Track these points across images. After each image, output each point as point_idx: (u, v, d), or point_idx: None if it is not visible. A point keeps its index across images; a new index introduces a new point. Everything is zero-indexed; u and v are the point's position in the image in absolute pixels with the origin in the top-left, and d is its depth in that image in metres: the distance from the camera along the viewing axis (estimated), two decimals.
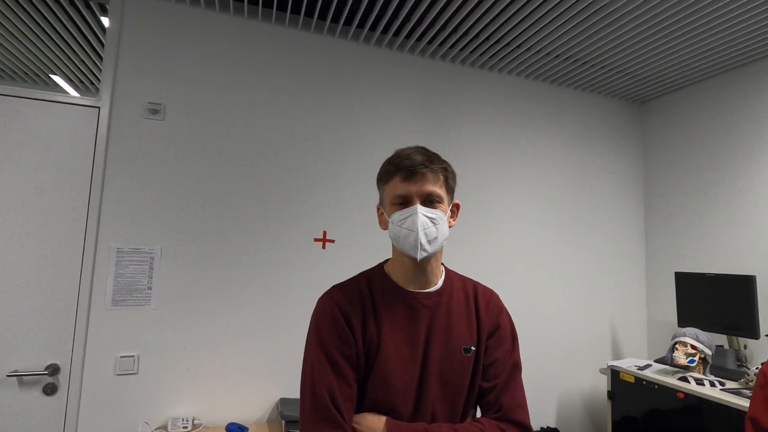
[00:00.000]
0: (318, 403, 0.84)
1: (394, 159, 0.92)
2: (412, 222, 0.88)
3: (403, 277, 0.95)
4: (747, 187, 2.48)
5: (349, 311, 0.90)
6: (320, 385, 0.85)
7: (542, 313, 2.69)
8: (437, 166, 0.92)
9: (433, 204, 0.91)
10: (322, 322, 0.91)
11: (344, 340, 0.88)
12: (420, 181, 0.89)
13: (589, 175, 2.93)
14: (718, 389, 1.87)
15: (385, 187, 0.94)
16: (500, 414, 0.91)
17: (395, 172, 0.91)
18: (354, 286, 0.96)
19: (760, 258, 2.38)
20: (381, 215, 0.98)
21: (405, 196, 0.90)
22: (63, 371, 1.78)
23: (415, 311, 0.93)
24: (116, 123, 1.92)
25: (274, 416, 2.06)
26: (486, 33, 2.25)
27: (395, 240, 0.92)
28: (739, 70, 2.55)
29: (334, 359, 0.87)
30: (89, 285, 1.82)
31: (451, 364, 0.92)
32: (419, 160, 0.89)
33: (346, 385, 0.86)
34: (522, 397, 0.95)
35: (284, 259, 2.15)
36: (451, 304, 0.97)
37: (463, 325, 0.95)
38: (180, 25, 2.05)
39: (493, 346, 0.97)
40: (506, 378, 0.95)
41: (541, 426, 2.60)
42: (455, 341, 0.93)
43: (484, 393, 0.95)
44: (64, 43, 2.51)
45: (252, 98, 2.15)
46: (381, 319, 0.91)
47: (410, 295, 0.94)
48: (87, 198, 1.86)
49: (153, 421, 1.87)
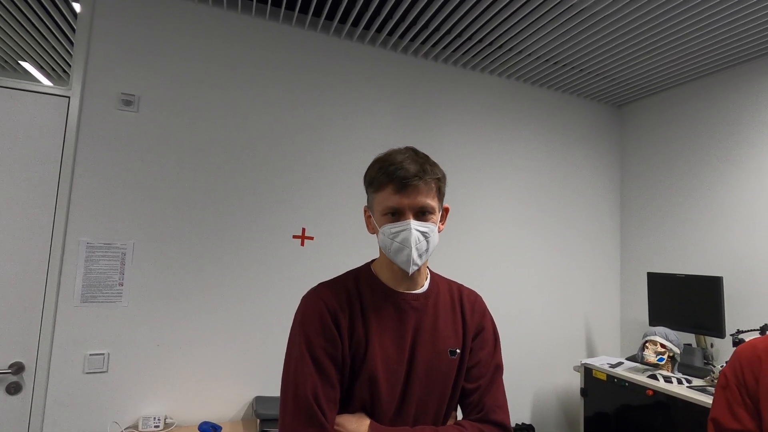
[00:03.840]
0: (300, 403, 0.82)
1: (387, 166, 0.88)
2: (405, 238, 0.87)
3: (392, 279, 0.95)
4: (716, 191, 2.55)
5: (338, 311, 0.88)
6: (303, 384, 0.83)
7: (519, 312, 2.72)
8: (430, 176, 0.89)
9: (425, 216, 0.89)
10: (308, 320, 0.88)
11: (330, 340, 0.86)
12: (413, 194, 0.87)
13: (567, 176, 2.98)
14: (684, 386, 1.92)
15: (376, 196, 0.91)
16: (481, 415, 0.92)
17: (387, 183, 0.87)
18: (342, 285, 0.94)
19: (727, 260, 2.46)
20: (369, 219, 0.96)
21: (397, 208, 0.88)
22: (28, 369, 1.72)
23: (403, 312, 0.93)
24: (87, 113, 1.85)
25: (249, 415, 2.03)
26: (468, 32, 2.25)
27: (386, 250, 0.91)
28: (714, 76, 2.62)
29: (319, 359, 0.85)
30: (57, 280, 1.76)
31: (437, 366, 0.92)
32: (413, 171, 0.86)
33: (330, 386, 0.84)
34: (503, 398, 0.96)
35: (261, 256, 2.12)
36: (437, 306, 0.97)
37: (449, 328, 0.95)
38: (157, 14, 1.99)
39: (477, 348, 0.97)
40: (489, 380, 0.95)
41: (516, 423, 2.64)
42: (441, 343, 0.93)
43: (467, 394, 0.95)
44: (33, 28, 2.41)
45: (231, 93, 2.11)
46: (369, 320, 0.90)
47: (399, 296, 0.94)
48: (55, 190, 1.79)
49: (123, 420, 1.82)
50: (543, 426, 2.74)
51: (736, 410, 1.12)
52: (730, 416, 1.13)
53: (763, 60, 2.38)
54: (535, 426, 2.67)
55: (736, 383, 1.14)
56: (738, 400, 1.13)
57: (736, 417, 1.12)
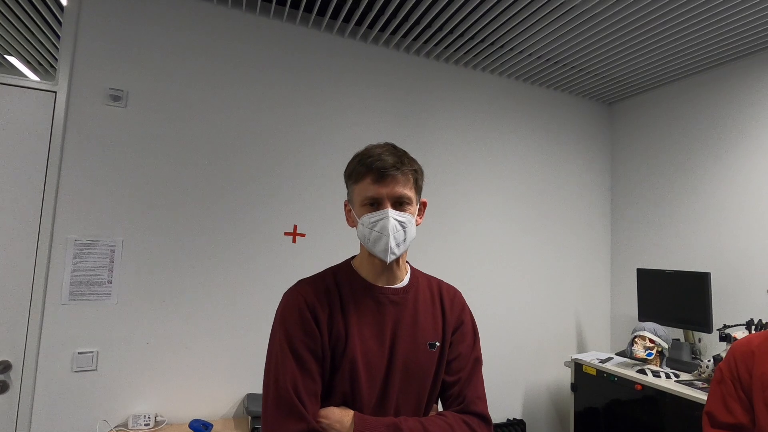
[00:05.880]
0: (281, 397, 0.83)
1: (365, 159, 0.91)
2: (383, 226, 0.90)
3: (371, 273, 0.97)
4: (705, 188, 2.58)
5: (316, 305, 0.90)
6: (284, 378, 0.84)
7: (510, 308, 2.74)
8: (407, 168, 0.92)
9: (402, 206, 0.92)
10: (287, 315, 0.90)
11: (310, 334, 0.88)
12: (391, 184, 0.90)
13: (558, 172, 2.99)
14: (672, 381, 1.95)
15: (355, 187, 0.94)
16: (462, 406, 0.94)
17: (366, 173, 0.91)
18: (321, 280, 0.96)
19: (714, 256, 2.49)
20: (349, 212, 0.99)
21: (376, 198, 0.91)
22: (15, 368, 1.70)
23: (383, 306, 0.94)
24: (74, 109, 1.83)
25: (240, 412, 2.03)
26: (460, 30, 2.25)
27: (364, 241, 0.93)
28: (703, 74, 2.64)
29: (299, 353, 0.86)
30: (44, 278, 1.74)
31: (416, 358, 0.94)
32: (390, 162, 0.90)
33: (310, 379, 0.86)
34: (482, 390, 0.99)
35: (253, 253, 2.11)
36: (417, 300, 0.99)
37: (428, 322, 0.98)
38: (145, 8, 1.97)
39: (457, 342, 1.00)
40: (469, 372, 0.98)
41: (507, 418, 2.67)
42: (421, 337, 0.95)
43: (447, 386, 0.97)
44: (19, 22, 2.36)
45: (221, 88, 2.09)
46: (348, 313, 0.92)
47: (378, 290, 0.95)
48: (42, 187, 1.76)
49: (113, 418, 1.81)
50: (534, 421, 2.77)
51: (731, 404, 1.14)
52: (724, 410, 1.15)
53: (752, 58, 2.41)
54: (525, 421, 2.69)
55: (730, 377, 1.17)
56: (732, 394, 1.15)
57: (730, 410, 1.14)
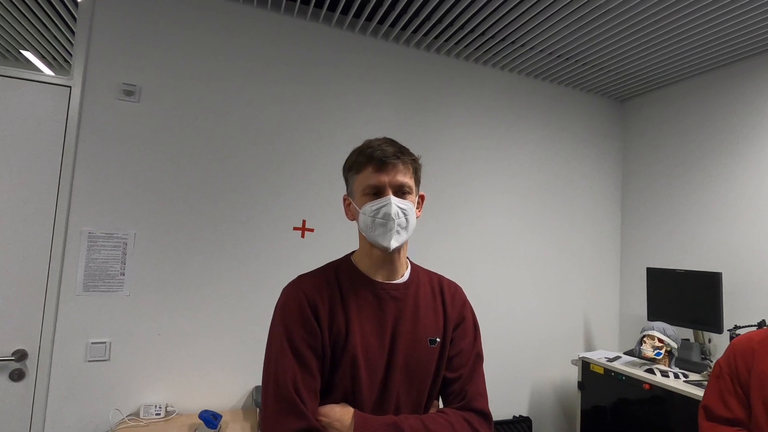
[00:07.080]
0: (281, 394, 0.83)
1: (365, 149, 0.92)
2: (386, 212, 0.89)
3: (371, 267, 0.96)
4: (718, 187, 2.55)
5: (317, 301, 0.90)
6: (284, 375, 0.84)
7: (518, 305, 2.73)
8: (408, 157, 0.93)
9: (404, 195, 0.92)
10: (287, 311, 0.90)
11: (310, 331, 0.87)
12: (392, 172, 0.91)
13: (568, 170, 2.97)
14: (681, 381, 1.94)
15: (356, 177, 0.94)
16: (464, 403, 0.93)
17: (367, 163, 0.91)
18: (321, 275, 0.96)
19: (726, 256, 2.46)
20: (348, 205, 0.98)
21: (378, 186, 0.91)
22: (31, 357, 1.74)
23: (383, 302, 0.94)
24: (88, 103, 1.86)
25: (248, 404, 2.06)
26: (470, 25, 2.24)
27: (366, 230, 0.92)
28: (717, 72, 2.60)
29: (299, 350, 0.85)
30: (59, 270, 1.78)
31: (417, 354, 0.93)
32: (391, 151, 0.90)
33: (310, 376, 0.85)
34: (483, 386, 0.98)
35: (262, 248, 2.13)
36: (418, 296, 0.98)
37: (429, 317, 0.97)
38: (159, 4, 1.98)
39: (458, 338, 0.99)
40: (470, 369, 0.97)
41: (513, 415, 2.67)
42: (422, 332, 0.94)
43: (448, 383, 0.96)
44: (34, 17, 2.40)
45: (233, 84, 2.10)
46: (349, 309, 0.91)
47: (378, 285, 0.95)
48: (57, 181, 1.80)
49: (125, 407, 1.85)
50: (540, 419, 2.77)
51: (728, 399, 1.14)
52: (721, 404, 1.15)
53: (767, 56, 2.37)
54: (532, 418, 2.70)
55: (729, 373, 1.16)
56: (730, 390, 1.14)
57: (727, 405, 1.14)
